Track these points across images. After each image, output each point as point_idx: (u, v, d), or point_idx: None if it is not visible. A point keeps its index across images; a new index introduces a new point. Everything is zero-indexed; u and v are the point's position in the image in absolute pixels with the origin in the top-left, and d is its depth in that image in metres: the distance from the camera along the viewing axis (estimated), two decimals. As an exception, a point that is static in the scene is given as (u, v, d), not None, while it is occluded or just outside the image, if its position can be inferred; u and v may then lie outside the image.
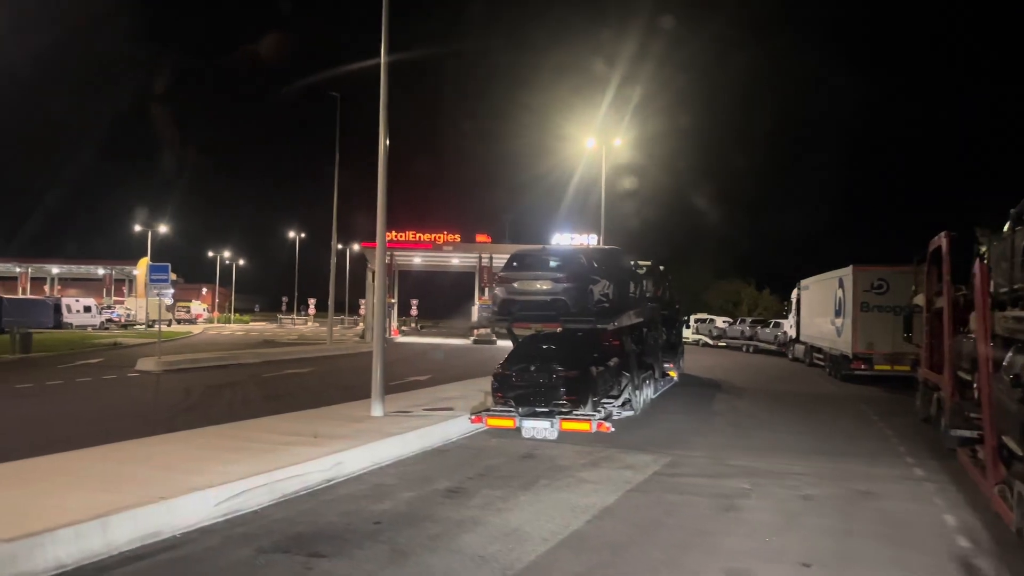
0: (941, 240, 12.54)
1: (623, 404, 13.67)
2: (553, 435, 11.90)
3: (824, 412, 17.03)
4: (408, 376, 21.54)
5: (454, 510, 7.90)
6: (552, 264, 12.77)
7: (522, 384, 12.20)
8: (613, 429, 11.83)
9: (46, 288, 73.68)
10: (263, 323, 79.11)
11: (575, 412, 11.99)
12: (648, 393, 15.91)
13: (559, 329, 13.96)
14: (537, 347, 13.17)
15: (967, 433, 10.76)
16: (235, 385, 19.53)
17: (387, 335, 47.14)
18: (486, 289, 49.34)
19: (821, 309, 27.15)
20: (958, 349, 11.43)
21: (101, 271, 74.22)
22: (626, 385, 14.06)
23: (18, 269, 71.25)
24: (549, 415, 11.94)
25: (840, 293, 24.03)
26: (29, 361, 25.54)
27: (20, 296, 54.45)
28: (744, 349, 40.82)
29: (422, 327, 65.69)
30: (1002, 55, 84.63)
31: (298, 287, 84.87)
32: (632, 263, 16.90)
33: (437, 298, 77.92)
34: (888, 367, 21.80)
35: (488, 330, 47.59)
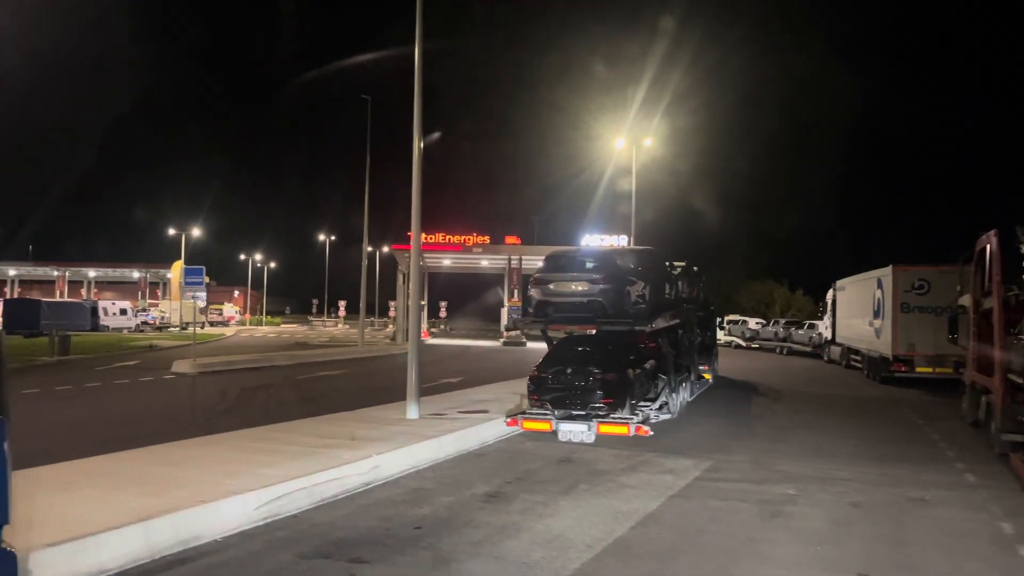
0: (990, 239, 12.17)
1: (660, 407, 13.46)
2: (590, 439, 11.74)
3: (866, 416, 16.66)
4: (440, 378, 21.50)
5: (494, 515, 7.77)
6: (588, 265, 12.61)
7: (558, 387, 12.06)
8: (652, 433, 11.63)
9: (83, 291, 74.96)
10: (294, 325, 79.81)
11: (612, 415, 11.82)
12: (684, 396, 15.68)
13: (593, 331, 13.81)
14: (572, 349, 13.01)
15: (1020, 438, 10.43)
16: (270, 387, 19.63)
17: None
18: (515, 291, 49.27)
19: (858, 310, 26.65)
20: (1010, 351, 11.07)
21: (136, 274, 75.45)
22: (663, 388, 13.85)
23: (56, 273, 72.66)
24: (586, 418, 11.78)
25: (879, 294, 23.56)
26: (68, 363, 25.90)
27: (59, 299, 55.41)
28: (777, 351, 40.27)
29: (451, 328, 65.78)
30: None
31: (328, 289, 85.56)
32: (667, 264, 16.67)
33: (466, 300, 78.07)
34: (930, 369, 21.30)
35: (518, 332, 47.54)
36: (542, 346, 14.15)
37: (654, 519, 7.79)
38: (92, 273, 75.73)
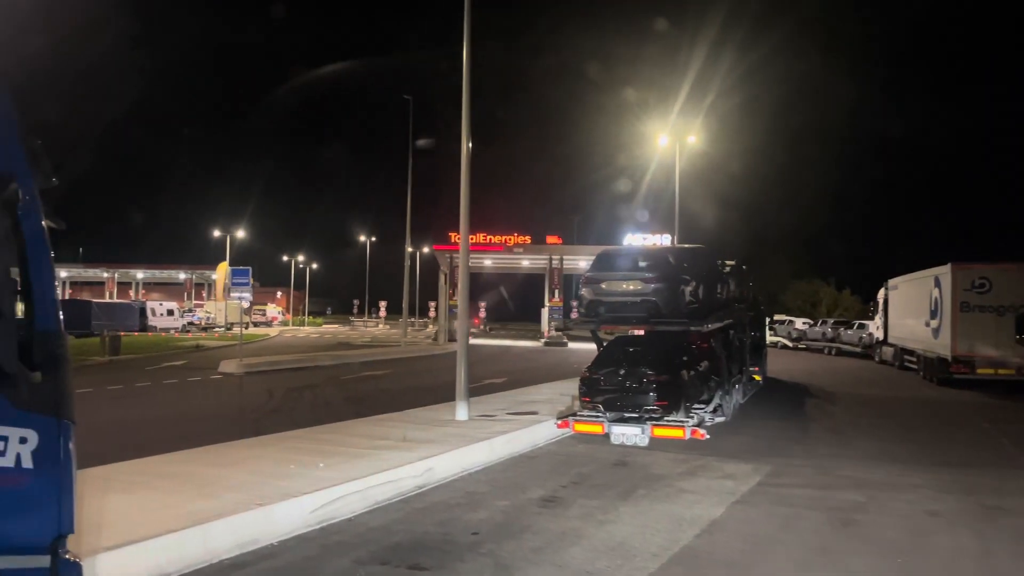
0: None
1: (714, 410, 13.09)
2: (644, 442, 11.44)
3: (928, 418, 16.08)
4: (484, 378, 21.27)
5: (552, 521, 7.54)
6: (641, 264, 12.30)
7: (610, 388, 11.78)
8: (708, 436, 11.29)
9: (131, 292, 76.57)
10: (335, 325, 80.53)
11: (666, 418, 11.51)
12: (737, 398, 15.28)
13: (641, 332, 13.50)
14: (624, 350, 12.71)
15: None
16: (316, 387, 19.66)
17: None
18: (556, 291, 48.99)
19: (913, 310, 25.84)
20: None
21: (182, 275, 76.86)
22: (716, 389, 13.48)
23: (106, 274, 74.37)
24: (639, 421, 11.49)
25: (936, 293, 22.78)
26: (118, 363, 26.32)
27: (109, 300, 56.62)
28: (825, 351, 39.36)
29: (490, 329, 65.68)
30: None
31: (369, 290, 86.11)
32: (718, 262, 16.27)
33: (505, 300, 77.93)
34: (992, 371, 20.49)
35: (559, 332, 47.28)
36: (583, 346, 13.93)
37: (719, 526, 7.49)
38: (140, 275, 77.34)
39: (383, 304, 78.42)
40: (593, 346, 13.80)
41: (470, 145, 12.95)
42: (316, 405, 16.27)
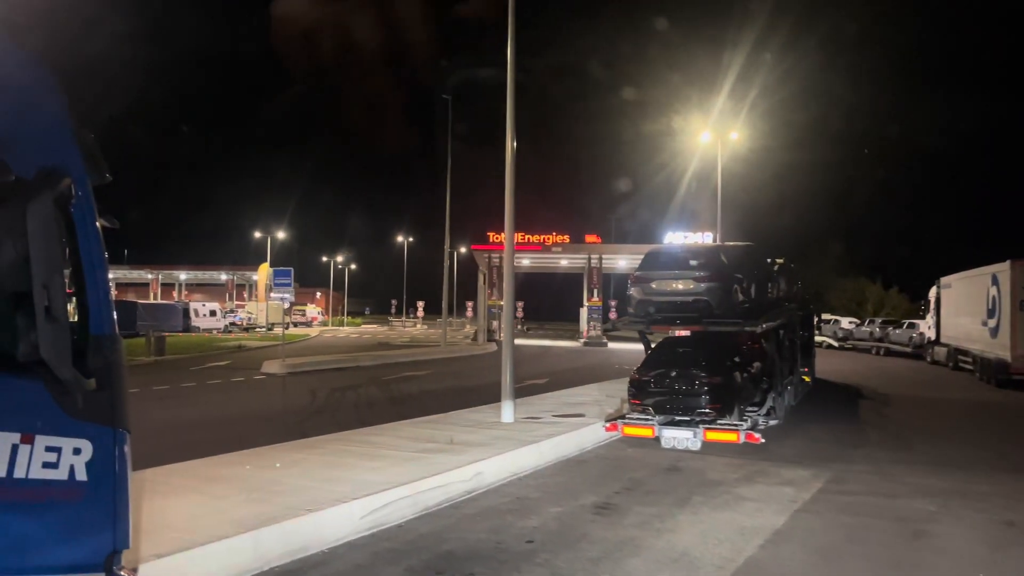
0: None
1: (767, 413, 12.70)
2: (696, 446, 11.11)
3: (988, 422, 15.47)
4: (526, 379, 21.03)
5: (609, 529, 7.29)
6: (692, 263, 11.95)
7: (661, 391, 11.48)
8: (763, 440, 10.92)
9: (174, 293, 77.85)
10: (374, 326, 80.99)
11: (719, 421, 11.17)
12: (788, 400, 14.83)
13: (689, 332, 13.15)
14: (674, 351, 12.38)
15: None
16: (358, 388, 19.62)
17: (497, 336, 47.14)
18: (596, 291, 48.56)
19: (968, 308, 25.00)
20: None
21: (224, 276, 77.87)
22: (769, 392, 13.07)
23: (149, 276, 75.69)
24: (691, 424, 11.17)
25: (994, 291, 21.98)
26: (163, 364, 26.64)
27: (153, 301, 57.56)
28: (873, 351, 38.37)
29: (528, 329, 65.43)
30: None
31: (407, 290, 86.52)
32: (768, 260, 15.84)
33: (542, 300, 77.67)
34: (1055, 372, 19.71)
35: (601, 333, 46.87)
36: (624, 347, 13.66)
37: (784, 537, 7.16)
38: (183, 276, 78.55)
39: (420, 304, 78.80)
40: (635, 346, 13.51)
41: (515, 144, 12.72)
42: (360, 406, 16.21)
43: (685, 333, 13.52)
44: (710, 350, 12.17)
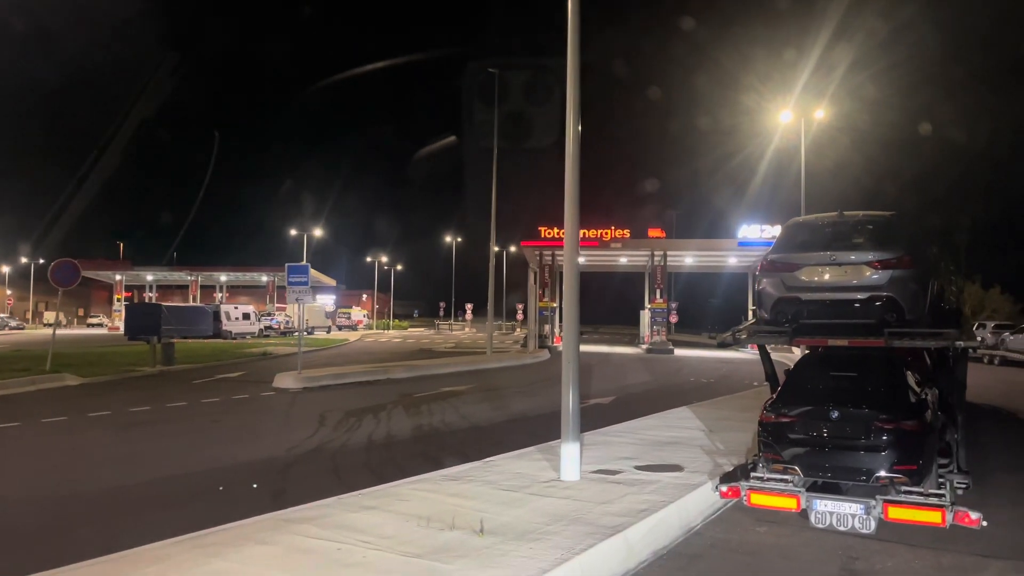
0: None
1: (961, 471, 8.41)
2: (868, 527, 6.93)
3: None
4: (586, 397, 16.95)
5: None
6: (856, 240, 7.68)
7: (811, 438, 7.34)
8: (985, 523, 6.70)
9: (216, 295, 75.72)
10: (421, 328, 77.85)
11: (908, 489, 6.98)
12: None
13: (846, 344, 8.84)
14: (825, 375, 8.14)
15: None
16: (380, 411, 15.76)
17: (551, 342, 43.01)
18: (659, 290, 44.07)
19: None
20: None
21: (264, 278, 75.45)
22: (952, 437, 8.78)
23: (189, 277, 73.64)
24: (863, 492, 7.04)
25: None
26: (169, 375, 23.27)
27: (180, 304, 54.86)
28: (986, 360, 33.19)
29: (582, 333, 61.34)
30: None
31: (455, 291, 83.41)
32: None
33: (597, 301, 73.47)
34: None
35: (662, 337, 42.42)
36: (693, 354, 10.10)
37: None
38: (223, 277, 76.34)
39: (469, 307, 75.47)
40: (707, 353, 9.48)
41: (579, 128, 8.74)
42: (371, 442, 12.18)
43: (838, 344, 9.09)
44: (880, 374, 7.95)
